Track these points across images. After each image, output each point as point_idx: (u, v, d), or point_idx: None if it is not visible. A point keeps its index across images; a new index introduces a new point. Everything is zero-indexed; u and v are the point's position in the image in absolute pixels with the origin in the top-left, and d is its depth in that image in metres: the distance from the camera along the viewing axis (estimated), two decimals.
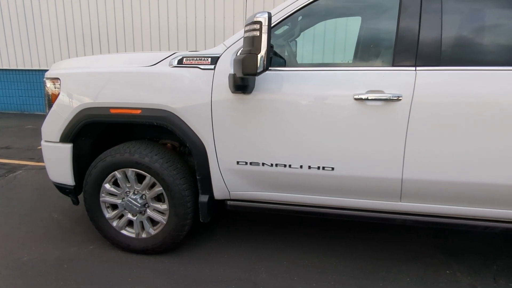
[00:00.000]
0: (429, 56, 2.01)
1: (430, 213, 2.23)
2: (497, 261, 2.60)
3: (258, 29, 1.81)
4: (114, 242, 2.64)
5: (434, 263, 2.57)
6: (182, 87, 2.25)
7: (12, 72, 8.95)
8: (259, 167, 2.27)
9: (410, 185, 2.13)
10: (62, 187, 2.65)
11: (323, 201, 2.33)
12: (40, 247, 2.69)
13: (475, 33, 2.04)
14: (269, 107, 2.17)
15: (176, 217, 2.44)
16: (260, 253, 2.66)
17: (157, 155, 2.41)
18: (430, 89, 1.99)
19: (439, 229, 3.04)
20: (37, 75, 8.85)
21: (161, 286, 2.27)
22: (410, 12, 2.05)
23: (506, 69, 1.93)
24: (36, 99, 9.02)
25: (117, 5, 7.99)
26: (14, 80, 8.99)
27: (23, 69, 8.88)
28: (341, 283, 2.33)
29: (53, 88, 2.53)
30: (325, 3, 2.18)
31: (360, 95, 2.05)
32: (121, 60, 2.48)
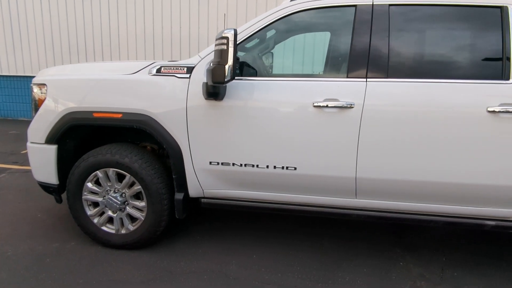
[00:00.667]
0: (378, 69, 2.29)
1: (382, 209, 2.50)
2: (446, 254, 2.87)
3: (226, 43, 2.06)
4: (95, 238, 2.81)
5: (390, 256, 2.83)
6: (160, 94, 2.47)
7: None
8: (230, 167, 2.50)
9: (363, 183, 2.39)
10: (46, 186, 2.82)
11: (288, 198, 2.57)
12: (24, 244, 2.84)
13: (416, 50, 2.34)
14: (239, 112, 2.41)
15: (154, 214, 2.64)
16: (232, 247, 2.88)
17: (136, 156, 2.61)
18: (378, 98, 2.27)
19: (397, 226, 3.31)
20: (22, 81, 8.90)
21: (139, 277, 2.46)
22: (362, 31, 2.33)
23: (439, 81, 2.23)
24: (20, 105, 9.05)
25: (103, 14, 8.16)
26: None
27: (7, 75, 8.92)
28: (305, 274, 2.56)
29: (39, 93, 2.71)
30: (281, 24, 2.45)
31: (318, 102, 2.31)
32: (104, 68, 2.69)
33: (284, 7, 2.43)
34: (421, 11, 2.35)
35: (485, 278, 2.57)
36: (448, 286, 2.48)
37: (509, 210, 2.35)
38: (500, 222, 2.39)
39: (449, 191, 2.33)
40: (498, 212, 2.36)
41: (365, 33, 2.32)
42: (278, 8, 2.44)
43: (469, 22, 2.32)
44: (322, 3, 2.38)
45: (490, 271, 2.66)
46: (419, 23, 2.36)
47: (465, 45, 2.32)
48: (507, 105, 2.13)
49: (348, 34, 2.40)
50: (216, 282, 2.43)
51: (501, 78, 2.20)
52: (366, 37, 2.32)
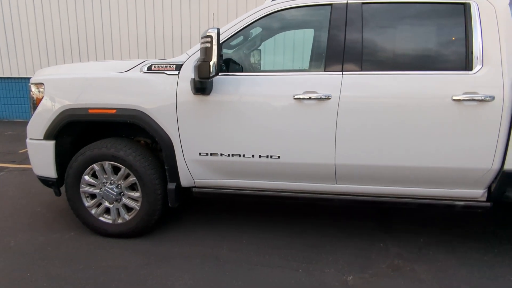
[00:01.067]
0: (353, 63, 2.48)
1: (361, 193, 2.69)
2: (424, 236, 3.07)
3: (210, 42, 2.24)
4: (93, 228, 2.97)
5: (371, 239, 3.02)
6: (151, 90, 2.64)
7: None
8: (218, 157, 2.67)
9: (342, 169, 2.58)
10: (46, 180, 2.98)
11: (273, 186, 2.75)
12: (25, 235, 3.01)
13: (387, 45, 2.53)
14: (225, 106, 2.58)
15: (148, 203, 2.81)
16: (223, 234, 3.06)
17: (130, 149, 2.78)
18: (353, 89, 2.45)
19: (377, 211, 3.51)
20: (17, 83, 9.01)
21: (136, 262, 2.63)
22: (338, 28, 2.52)
23: (409, 73, 2.42)
24: (15, 106, 9.16)
25: (96, 15, 8.29)
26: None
27: (2, 77, 9.03)
28: (290, 256, 2.75)
29: (37, 92, 2.87)
30: (265, 21, 2.63)
31: (298, 95, 2.49)
32: (98, 67, 2.86)
33: (265, 6, 2.61)
34: (391, 8, 2.53)
35: (458, 255, 2.77)
36: (424, 263, 2.67)
37: (476, 191, 2.55)
38: (469, 203, 2.59)
39: (421, 174, 2.52)
40: (466, 193, 2.56)
41: (340, 29, 2.51)
42: (259, 8, 2.62)
43: (436, 18, 2.51)
44: (300, 2, 2.56)
45: (463, 249, 2.86)
46: (390, 19, 2.55)
47: (432, 39, 2.51)
48: (470, 94, 2.33)
49: (325, 31, 2.58)
50: (209, 265, 2.61)
51: (465, 69, 2.39)
52: (341, 33, 2.50)
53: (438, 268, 2.60)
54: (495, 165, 2.41)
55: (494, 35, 2.36)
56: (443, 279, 2.47)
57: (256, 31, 3.15)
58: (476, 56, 2.36)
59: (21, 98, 9.12)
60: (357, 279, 2.47)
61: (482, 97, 2.31)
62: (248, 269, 2.56)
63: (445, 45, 2.49)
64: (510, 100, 2.29)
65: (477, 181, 2.49)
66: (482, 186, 2.53)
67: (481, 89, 2.32)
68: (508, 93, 2.30)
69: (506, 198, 2.52)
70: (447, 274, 2.53)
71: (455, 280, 2.46)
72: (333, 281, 2.44)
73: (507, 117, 2.31)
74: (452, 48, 2.46)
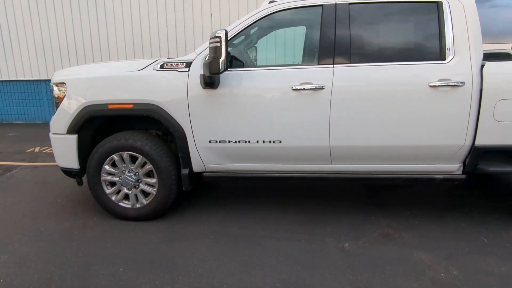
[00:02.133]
0: (342, 56, 2.83)
1: (353, 171, 3.05)
2: (411, 209, 3.45)
3: (219, 41, 2.56)
4: (114, 213, 3.28)
5: (364, 213, 3.39)
6: (165, 86, 2.96)
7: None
8: (226, 144, 3.01)
9: (336, 150, 2.93)
10: (69, 171, 3.28)
11: (276, 168, 3.10)
12: (52, 222, 3.30)
13: (372, 39, 2.89)
14: (231, 98, 2.91)
15: (164, 188, 3.13)
16: (231, 214, 3.40)
17: (146, 140, 3.09)
18: (344, 79, 2.81)
19: (369, 189, 3.89)
20: (15, 85, 9.18)
21: (156, 239, 2.95)
22: (328, 26, 2.86)
23: (392, 64, 2.78)
24: (15, 108, 9.34)
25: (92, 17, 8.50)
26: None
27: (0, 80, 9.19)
28: (293, 228, 3.10)
29: (58, 91, 3.16)
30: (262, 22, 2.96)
31: (296, 86, 2.83)
32: (115, 66, 3.16)
33: (263, 8, 2.94)
34: (375, 7, 2.88)
35: (440, 224, 3.16)
36: (410, 231, 3.05)
37: (453, 165, 2.93)
38: (447, 176, 2.97)
39: (404, 152, 2.89)
40: (444, 168, 2.94)
41: (330, 27, 2.85)
42: (259, 10, 2.95)
43: (413, 15, 2.87)
44: (295, 4, 2.90)
45: (445, 218, 3.25)
46: (374, 17, 2.90)
47: (411, 33, 2.88)
48: (444, 80, 2.69)
49: (317, 29, 2.92)
50: (221, 239, 2.95)
51: (439, 59, 2.76)
52: (331, 30, 2.85)
53: (423, 234, 2.98)
54: (468, 141, 2.79)
55: (463, 29, 2.74)
56: (427, 242, 2.85)
57: (253, 30, 3.48)
58: (448, 47, 2.74)
59: (19, 101, 9.31)
60: (353, 245, 2.83)
61: (454, 83, 2.68)
62: (256, 241, 2.90)
63: (422, 39, 2.85)
64: (478, 85, 2.67)
65: (453, 157, 2.87)
66: (457, 161, 2.91)
67: (453, 76, 2.70)
68: (476, 79, 2.67)
69: (478, 170, 2.90)
70: (430, 239, 2.91)
71: (436, 243, 2.84)
72: (332, 248, 2.80)
73: (476, 99, 2.69)
74: (428, 41, 2.82)
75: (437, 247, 2.77)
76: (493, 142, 2.77)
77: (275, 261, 2.62)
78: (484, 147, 2.80)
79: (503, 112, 2.69)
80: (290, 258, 2.65)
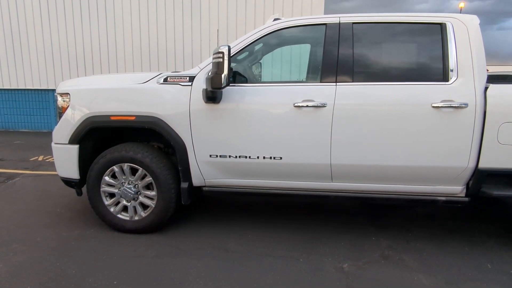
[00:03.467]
0: (345, 75, 2.83)
1: (355, 190, 3.01)
2: (413, 231, 3.39)
3: (221, 57, 2.59)
4: (112, 224, 3.26)
5: (364, 233, 3.33)
6: (167, 99, 2.98)
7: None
8: (227, 158, 3.00)
9: (337, 168, 2.91)
10: (69, 181, 3.28)
11: (276, 184, 3.07)
12: (49, 231, 3.29)
13: (375, 59, 2.90)
14: (233, 113, 2.92)
15: (163, 201, 3.11)
16: (230, 229, 3.36)
17: (147, 152, 3.10)
18: (346, 98, 2.80)
19: (370, 209, 3.84)
20: (22, 94, 9.33)
21: (152, 253, 2.92)
22: (331, 44, 2.88)
23: (395, 84, 2.78)
24: (21, 117, 9.45)
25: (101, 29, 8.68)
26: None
27: (8, 88, 9.34)
28: (292, 247, 3.05)
29: (62, 101, 3.19)
30: (267, 39, 2.99)
31: (298, 103, 2.83)
32: (119, 79, 3.20)
33: (267, 26, 2.97)
34: (379, 28, 2.91)
35: (442, 247, 3.09)
36: (411, 253, 2.98)
37: (456, 187, 2.88)
38: (449, 198, 2.92)
39: (407, 173, 2.85)
40: (447, 189, 2.89)
41: (334, 45, 2.87)
42: (263, 26, 2.98)
43: (417, 36, 2.89)
44: (299, 22, 2.93)
45: (447, 241, 3.18)
46: (378, 37, 2.92)
47: (414, 54, 2.89)
48: (447, 101, 2.68)
49: (321, 47, 2.94)
50: (218, 255, 2.90)
51: (442, 80, 2.75)
52: (334, 49, 2.86)
53: (424, 258, 2.91)
54: (471, 163, 2.75)
55: (467, 50, 2.74)
56: (427, 266, 2.78)
57: (258, 46, 3.51)
58: (451, 68, 2.73)
59: (27, 109, 9.43)
60: (352, 266, 2.77)
61: (457, 104, 2.66)
62: (254, 258, 2.86)
63: (425, 59, 2.86)
64: (481, 107, 2.65)
65: (456, 179, 2.83)
66: (460, 183, 2.87)
67: (456, 97, 2.68)
68: (479, 101, 2.66)
69: (482, 193, 2.85)
70: (431, 262, 2.84)
71: (438, 267, 2.77)
72: (331, 268, 2.74)
73: (479, 121, 2.67)
74: (431, 61, 2.83)
75: (438, 271, 2.70)
76: (497, 165, 2.73)
77: (272, 280, 2.56)
78: (488, 170, 2.75)
79: (507, 135, 2.66)
80: (287, 278, 2.60)
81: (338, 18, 2.92)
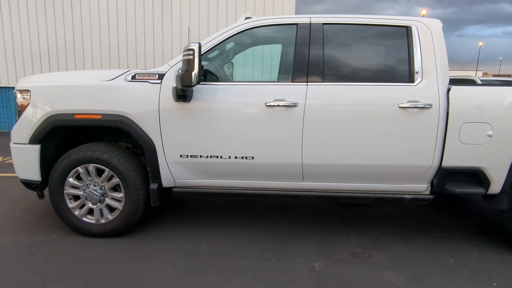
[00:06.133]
0: (316, 75, 2.86)
1: (325, 189, 3.04)
2: (380, 229, 3.47)
3: (192, 54, 2.53)
4: (77, 228, 3.12)
5: (335, 232, 3.38)
6: (135, 97, 2.88)
7: None
8: (197, 158, 2.94)
9: (308, 168, 2.92)
10: (30, 183, 3.10)
11: (248, 185, 3.05)
12: (8, 237, 3.09)
13: (345, 60, 2.95)
14: (204, 112, 2.87)
15: (131, 203, 3.01)
16: (201, 231, 3.30)
17: (114, 152, 2.98)
18: (317, 98, 2.83)
19: (340, 208, 3.90)
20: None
21: (120, 257, 2.81)
22: (302, 44, 2.89)
23: (363, 84, 2.83)
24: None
25: (67, 26, 8.31)
26: None
27: None
28: (264, 247, 3.04)
29: (22, 99, 3.02)
30: (239, 37, 2.97)
31: (269, 102, 2.82)
32: (84, 75, 3.06)
33: (239, 24, 2.94)
34: (348, 29, 2.95)
35: (409, 243, 3.19)
36: (379, 250, 3.05)
37: (421, 185, 2.98)
38: (415, 196, 3.01)
39: (375, 171, 2.91)
40: (413, 188, 2.98)
41: (304, 46, 2.89)
42: (234, 25, 2.95)
43: (385, 38, 2.96)
44: (270, 22, 2.93)
45: (413, 238, 3.28)
46: (347, 38, 2.97)
47: (382, 56, 2.96)
48: (412, 102, 2.76)
49: (292, 47, 2.95)
50: (189, 258, 2.84)
51: (408, 82, 2.83)
52: (305, 49, 2.88)
53: (392, 254, 2.99)
54: (435, 162, 2.85)
55: (431, 53, 2.84)
56: (395, 262, 2.86)
57: (229, 45, 3.48)
58: (417, 70, 2.82)
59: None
60: (323, 265, 2.80)
61: (422, 104, 2.75)
62: (226, 260, 2.82)
63: (392, 61, 2.93)
64: (444, 108, 2.75)
65: (421, 177, 2.92)
66: (425, 181, 2.96)
67: (421, 98, 2.77)
68: (442, 102, 2.76)
69: (445, 191, 2.96)
70: (399, 258, 2.91)
71: (405, 263, 2.85)
72: (302, 267, 2.75)
73: (443, 121, 2.77)
74: (398, 63, 2.90)
75: (405, 267, 2.78)
76: (459, 164, 2.84)
77: (243, 281, 2.54)
78: (450, 168, 2.86)
79: (468, 135, 2.77)
80: (259, 278, 2.58)
81: (309, 18, 2.94)
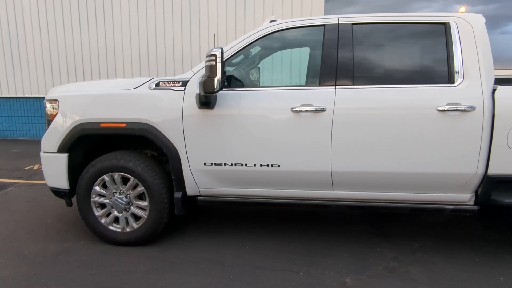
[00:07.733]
0: (345, 78, 2.70)
1: (356, 199, 2.86)
2: (418, 241, 3.22)
3: (214, 60, 2.45)
4: (103, 237, 3.12)
5: (368, 244, 3.17)
6: (159, 105, 2.84)
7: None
8: (222, 166, 2.85)
9: (338, 176, 2.76)
10: (58, 191, 3.14)
11: (274, 193, 2.92)
12: (38, 244, 3.14)
13: (377, 61, 2.76)
14: (228, 118, 2.78)
15: (156, 212, 2.97)
16: (227, 241, 3.20)
17: (139, 160, 2.96)
18: (346, 102, 2.66)
19: (373, 218, 3.67)
20: (21, 102, 9.24)
21: (144, 267, 2.76)
22: (330, 46, 2.74)
23: (397, 87, 2.63)
24: (20, 125, 9.36)
25: (100, 34, 8.60)
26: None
27: (7, 96, 9.26)
28: (292, 260, 2.89)
29: (51, 108, 3.07)
30: (264, 41, 2.86)
31: (296, 107, 2.69)
32: (108, 84, 3.07)
33: (263, 28, 2.84)
34: (380, 28, 2.77)
35: (450, 257, 2.92)
36: (418, 265, 2.82)
37: (464, 195, 2.72)
38: (457, 206, 2.76)
39: (412, 180, 2.70)
40: (455, 197, 2.73)
41: (333, 48, 2.73)
42: (259, 29, 2.85)
43: (420, 37, 2.75)
44: (295, 24, 2.80)
45: (455, 251, 3.01)
46: (379, 38, 2.79)
47: (417, 55, 2.75)
48: (453, 104, 2.53)
49: (319, 49, 2.81)
50: (214, 269, 2.75)
51: (447, 83, 2.61)
52: (333, 51, 2.73)
53: (431, 269, 2.75)
54: (480, 170, 2.59)
55: (473, 51, 2.59)
56: (435, 279, 2.62)
57: (255, 50, 3.38)
58: (457, 70, 2.59)
59: (25, 117, 9.33)
60: (355, 280, 2.61)
61: (464, 107, 2.51)
62: (252, 272, 2.70)
63: (429, 61, 2.72)
64: (489, 110, 2.50)
65: (464, 186, 2.67)
66: (469, 191, 2.71)
67: (463, 100, 2.53)
68: (487, 104, 2.51)
69: (492, 201, 2.68)
70: (439, 275, 2.67)
71: (447, 280, 2.60)
72: (332, 282, 2.58)
73: (488, 125, 2.51)
74: (436, 63, 2.68)
75: (447, 285, 2.54)
76: (508, 172, 2.57)
77: None
78: (498, 177, 2.59)
79: None
80: None
81: (337, 19, 2.79)
